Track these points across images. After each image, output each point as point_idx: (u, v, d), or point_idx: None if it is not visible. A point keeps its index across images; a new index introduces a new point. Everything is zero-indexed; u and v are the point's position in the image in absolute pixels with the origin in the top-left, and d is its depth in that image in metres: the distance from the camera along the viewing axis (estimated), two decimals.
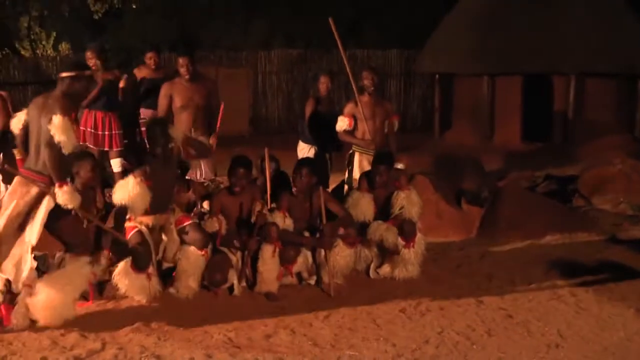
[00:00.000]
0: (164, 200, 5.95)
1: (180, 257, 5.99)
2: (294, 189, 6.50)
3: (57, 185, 5.26)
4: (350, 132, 7.64)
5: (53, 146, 5.22)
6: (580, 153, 12.94)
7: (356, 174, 7.45)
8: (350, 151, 7.74)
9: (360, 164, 7.55)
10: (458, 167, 10.46)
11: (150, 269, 5.86)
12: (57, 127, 5.19)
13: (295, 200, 6.49)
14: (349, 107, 7.70)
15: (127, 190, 5.66)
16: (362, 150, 7.58)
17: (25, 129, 5.50)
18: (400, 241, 6.63)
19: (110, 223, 6.58)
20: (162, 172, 5.91)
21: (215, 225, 6.21)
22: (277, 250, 6.16)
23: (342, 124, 7.64)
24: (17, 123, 5.58)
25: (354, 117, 7.61)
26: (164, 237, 6.03)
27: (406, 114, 18.48)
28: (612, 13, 14.80)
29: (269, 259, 6.13)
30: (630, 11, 15.05)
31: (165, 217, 6.01)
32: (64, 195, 5.25)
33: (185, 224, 6.03)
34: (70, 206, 5.30)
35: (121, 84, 8.40)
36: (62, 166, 5.34)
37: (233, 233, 6.30)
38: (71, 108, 5.33)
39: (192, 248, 5.93)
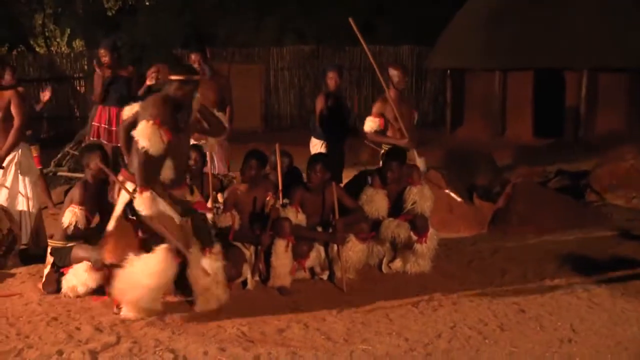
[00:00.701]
0: (178, 171, 5.64)
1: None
2: (308, 184, 6.49)
3: (138, 189, 5.25)
4: (382, 132, 7.34)
5: (138, 150, 5.23)
6: (592, 148, 12.89)
7: None
8: (383, 152, 7.41)
9: None
10: (470, 162, 10.45)
11: None
12: (140, 132, 5.19)
13: (308, 196, 6.48)
14: (378, 106, 7.35)
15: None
16: None
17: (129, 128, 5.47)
18: (413, 236, 6.63)
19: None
20: (176, 142, 5.56)
21: (228, 219, 6.21)
22: (290, 245, 6.16)
23: (373, 124, 7.28)
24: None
25: (383, 117, 7.29)
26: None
27: (418, 110, 18.40)
28: (623, 7, 14.72)
29: (282, 253, 6.13)
30: None
31: (180, 192, 5.74)
32: (140, 200, 5.23)
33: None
34: (143, 213, 5.26)
35: (148, 82, 8.39)
36: (148, 171, 5.30)
37: (246, 228, 6.30)
38: (160, 113, 5.25)
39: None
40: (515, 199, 8.60)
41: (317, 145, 8.24)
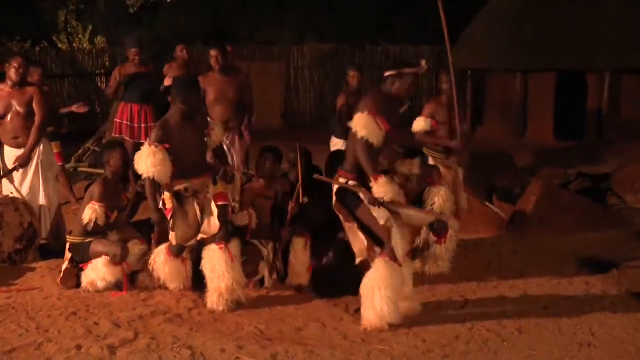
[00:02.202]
0: (193, 161, 5.65)
1: (204, 256, 5.68)
2: None
3: (372, 178, 5.24)
4: (431, 134, 7.23)
5: (358, 142, 5.27)
6: (614, 151, 12.74)
7: None
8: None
9: None
10: (490, 163, 10.38)
11: (185, 254, 5.89)
12: (356, 123, 5.25)
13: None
14: (430, 107, 7.28)
15: (144, 161, 5.46)
16: (437, 156, 7.22)
17: None
18: (432, 237, 6.60)
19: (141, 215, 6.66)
20: (187, 133, 5.63)
21: (246, 218, 6.21)
22: (309, 243, 6.16)
23: (425, 125, 7.22)
24: None
25: (434, 118, 7.20)
26: (196, 206, 5.68)
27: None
28: None
29: (300, 251, 6.13)
30: None
31: (200, 182, 5.71)
32: (380, 187, 5.21)
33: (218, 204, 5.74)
34: (386, 198, 5.22)
35: (166, 82, 8.41)
36: (373, 160, 5.33)
37: (264, 225, 6.29)
38: (375, 104, 5.32)
39: (213, 246, 5.62)
40: (535, 201, 8.54)
41: (338, 145, 8.20)
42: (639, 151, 11.70)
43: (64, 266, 6.14)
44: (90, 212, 5.98)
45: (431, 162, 7.21)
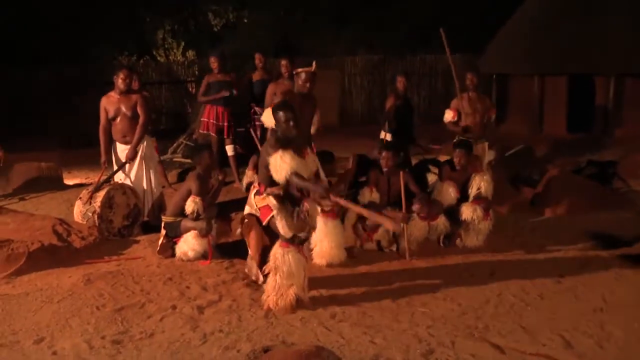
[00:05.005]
0: None
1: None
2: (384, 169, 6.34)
3: None
4: (455, 124, 7.60)
5: None
6: (617, 142, 12.30)
7: None
8: (455, 140, 7.22)
9: None
10: (513, 153, 10.09)
11: None
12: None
13: (381, 178, 6.36)
14: (455, 102, 7.66)
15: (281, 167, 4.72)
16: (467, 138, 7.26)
17: None
18: (479, 214, 6.40)
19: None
20: None
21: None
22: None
23: (447, 115, 7.64)
24: None
25: (458, 111, 7.57)
26: None
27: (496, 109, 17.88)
28: None
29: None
30: None
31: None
32: None
33: None
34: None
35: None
36: None
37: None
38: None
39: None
40: (551, 185, 8.26)
41: (386, 138, 8.05)
42: (638, 142, 11.27)
43: (160, 240, 6.14)
44: (193, 204, 5.98)
45: None
